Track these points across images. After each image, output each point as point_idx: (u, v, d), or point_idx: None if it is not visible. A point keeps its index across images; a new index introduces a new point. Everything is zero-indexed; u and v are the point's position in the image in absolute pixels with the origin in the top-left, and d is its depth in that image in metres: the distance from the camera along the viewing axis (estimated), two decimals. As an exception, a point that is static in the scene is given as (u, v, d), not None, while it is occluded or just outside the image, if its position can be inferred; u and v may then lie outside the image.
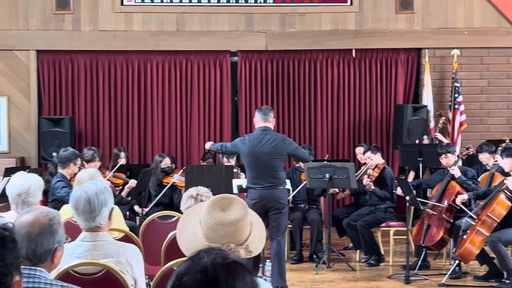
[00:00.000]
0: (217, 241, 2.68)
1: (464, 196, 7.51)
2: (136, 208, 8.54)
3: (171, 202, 8.57)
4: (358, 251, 8.53)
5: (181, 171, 8.64)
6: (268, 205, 6.81)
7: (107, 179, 7.99)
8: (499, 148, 8.06)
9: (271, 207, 6.82)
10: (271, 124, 6.96)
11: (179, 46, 10.69)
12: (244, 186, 7.16)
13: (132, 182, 8.08)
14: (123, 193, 8.20)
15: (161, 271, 3.71)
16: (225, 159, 9.06)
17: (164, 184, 8.61)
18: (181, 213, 4.77)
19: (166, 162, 8.79)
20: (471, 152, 8.74)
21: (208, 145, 7.54)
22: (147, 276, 4.42)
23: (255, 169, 6.84)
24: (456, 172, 7.79)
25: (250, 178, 6.90)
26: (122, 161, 9.14)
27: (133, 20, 10.66)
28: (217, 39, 10.70)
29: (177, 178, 8.57)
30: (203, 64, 10.82)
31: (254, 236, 2.79)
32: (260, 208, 6.66)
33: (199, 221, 2.77)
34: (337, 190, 8.70)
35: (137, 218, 8.56)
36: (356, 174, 8.29)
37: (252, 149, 6.85)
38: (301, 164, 8.69)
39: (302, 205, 8.75)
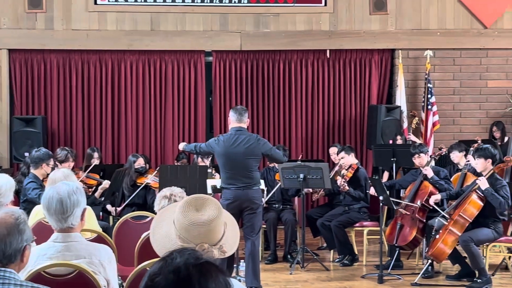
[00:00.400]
0: (190, 241, 2.67)
1: (437, 197, 7.57)
2: (109, 207, 8.49)
3: (145, 202, 8.53)
4: (332, 251, 8.55)
5: (155, 171, 8.60)
6: (243, 206, 6.80)
7: (81, 180, 7.93)
8: (471, 148, 8.14)
9: (245, 208, 6.81)
10: (245, 124, 6.96)
11: (153, 46, 10.65)
12: (218, 187, 7.15)
13: (106, 183, 8.03)
14: (97, 194, 8.14)
15: (134, 271, 3.68)
16: (199, 160, 9.04)
17: (138, 184, 8.56)
18: (155, 213, 4.75)
19: (140, 163, 8.74)
20: (444, 153, 8.82)
21: (181, 146, 7.51)
22: (120, 277, 4.40)
23: (230, 169, 6.83)
24: (428, 172, 7.85)
25: (225, 178, 6.90)
26: (96, 161, 9.08)
27: (106, 19, 10.59)
28: (191, 39, 10.68)
29: (151, 179, 8.53)
30: (178, 64, 10.79)
31: (228, 236, 2.78)
32: (235, 209, 6.65)
33: (173, 221, 2.75)
34: (311, 190, 8.72)
35: (111, 218, 8.51)
36: (330, 174, 8.31)
37: (226, 149, 6.84)
38: (275, 164, 8.70)
39: (276, 205, 8.76)
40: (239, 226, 6.82)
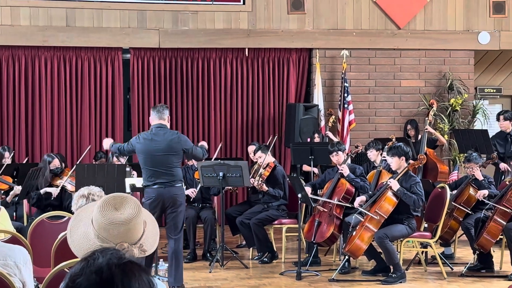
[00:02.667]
0: (110, 241, 2.62)
1: (363, 198, 7.65)
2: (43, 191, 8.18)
3: (61, 203, 8.33)
4: (251, 248, 8.60)
5: (72, 170, 8.40)
6: (166, 204, 6.73)
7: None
8: (386, 146, 8.34)
9: (168, 206, 6.74)
10: (166, 121, 6.90)
11: (69, 42, 10.43)
12: (140, 185, 7.07)
13: (17, 189, 7.84)
14: (8, 199, 7.94)
15: (51, 273, 3.60)
16: (115, 159, 8.92)
17: (54, 186, 8.34)
18: (72, 213, 4.65)
19: (55, 163, 8.48)
20: (360, 150, 9.00)
21: (107, 143, 7.30)
22: (35, 279, 4.29)
23: (151, 166, 6.76)
24: (345, 170, 7.99)
25: (146, 176, 6.80)
26: (7, 161, 8.82)
27: (19, 14, 10.30)
28: (108, 35, 10.51)
29: (67, 182, 8.30)
30: (94, 61, 10.61)
31: (148, 235, 2.75)
32: (157, 207, 6.60)
33: (91, 221, 2.70)
34: (230, 188, 8.75)
35: (25, 218, 8.28)
36: (250, 172, 8.35)
37: (146, 146, 6.78)
38: (194, 163, 8.67)
39: (196, 204, 8.73)
40: (162, 225, 6.78)
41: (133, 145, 6.90)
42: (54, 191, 8.12)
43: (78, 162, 8.52)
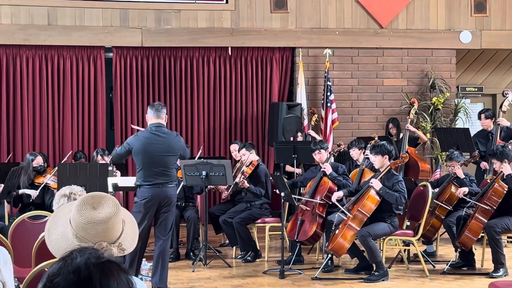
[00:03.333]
0: (88, 240, 2.61)
1: (340, 193, 7.69)
2: (27, 190, 8.12)
3: (43, 202, 8.29)
4: (234, 247, 8.59)
5: (54, 170, 8.36)
6: (161, 204, 6.65)
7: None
8: (369, 145, 8.37)
9: (162, 205, 6.67)
10: (163, 120, 6.80)
11: (51, 41, 10.37)
12: (119, 184, 7.03)
13: (0, 188, 7.79)
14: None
15: (31, 273, 3.58)
16: (99, 157, 8.87)
17: (36, 184, 8.30)
18: (53, 213, 4.62)
19: (39, 161, 8.46)
20: (342, 149, 9.03)
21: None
22: (16, 279, 4.26)
23: (149, 166, 6.62)
24: (327, 169, 8.01)
25: (142, 175, 6.65)
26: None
27: (0, 12, 10.22)
28: (90, 34, 10.46)
29: (50, 179, 8.28)
30: (76, 60, 10.55)
31: (127, 233, 2.73)
32: (152, 207, 6.54)
33: (69, 221, 2.68)
34: (212, 187, 8.73)
35: (6, 218, 8.23)
36: (232, 171, 8.35)
37: (147, 146, 6.61)
38: (178, 161, 8.64)
39: (179, 203, 8.71)
40: (153, 224, 6.73)
41: (130, 144, 6.68)
42: (34, 193, 8.07)
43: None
